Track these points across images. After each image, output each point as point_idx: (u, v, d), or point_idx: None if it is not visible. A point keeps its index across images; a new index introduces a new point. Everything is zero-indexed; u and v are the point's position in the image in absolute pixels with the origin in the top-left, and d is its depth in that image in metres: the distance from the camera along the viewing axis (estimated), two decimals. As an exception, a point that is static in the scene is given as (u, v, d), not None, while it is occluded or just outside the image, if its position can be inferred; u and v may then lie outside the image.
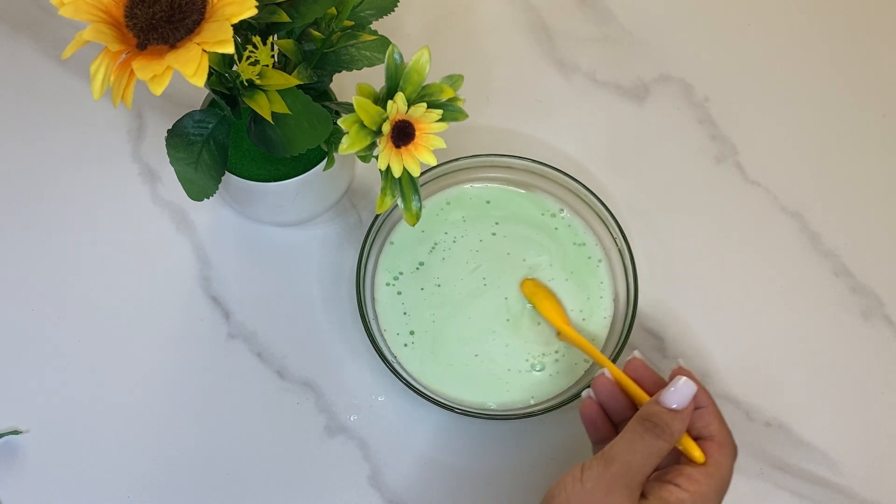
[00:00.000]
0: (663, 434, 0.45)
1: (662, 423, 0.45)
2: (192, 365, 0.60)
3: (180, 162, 0.50)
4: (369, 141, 0.46)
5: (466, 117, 0.48)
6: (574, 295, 0.59)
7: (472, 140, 0.66)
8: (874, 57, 0.70)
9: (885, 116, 0.68)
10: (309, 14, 0.47)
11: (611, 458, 0.44)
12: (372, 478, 0.57)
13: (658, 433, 0.45)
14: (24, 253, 0.62)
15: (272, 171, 0.56)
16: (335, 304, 0.61)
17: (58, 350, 0.60)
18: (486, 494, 0.57)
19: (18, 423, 0.58)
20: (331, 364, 0.60)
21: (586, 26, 0.71)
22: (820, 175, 0.66)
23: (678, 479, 0.45)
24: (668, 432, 0.45)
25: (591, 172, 0.65)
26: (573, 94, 0.68)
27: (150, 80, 0.40)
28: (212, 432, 0.58)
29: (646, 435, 0.45)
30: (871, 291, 0.63)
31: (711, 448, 0.46)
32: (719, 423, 0.47)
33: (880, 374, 0.61)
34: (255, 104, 0.46)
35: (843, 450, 0.59)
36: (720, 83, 0.69)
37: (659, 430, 0.45)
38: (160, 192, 0.64)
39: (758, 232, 0.65)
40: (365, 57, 0.52)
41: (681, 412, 0.46)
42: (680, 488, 0.44)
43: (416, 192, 0.48)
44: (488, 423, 0.59)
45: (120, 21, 0.42)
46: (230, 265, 0.62)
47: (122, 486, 0.57)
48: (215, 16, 0.41)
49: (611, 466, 0.44)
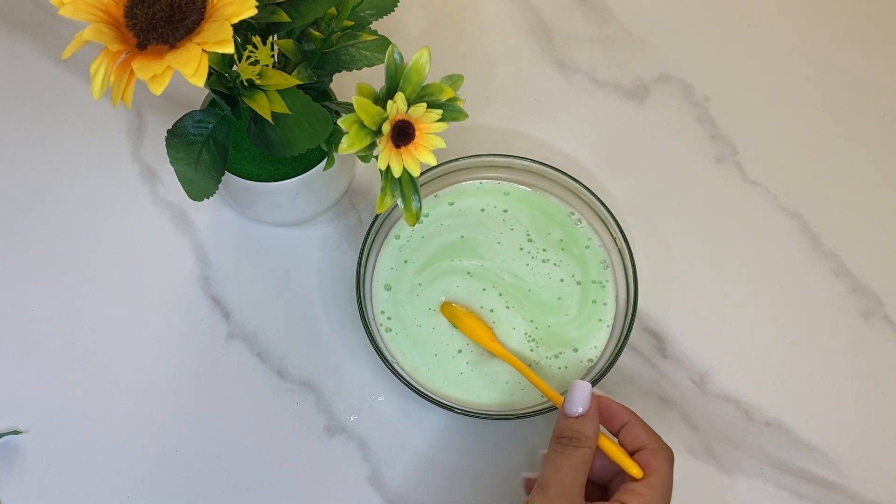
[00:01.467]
0: (579, 443, 0.47)
1: (574, 432, 0.48)
2: (191, 365, 0.60)
3: (180, 162, 0.50)
4: (369, 141, 0.46)
5: (466, 117, 0.48)
6: (579, 299, 0.59)
7: (472, 140, 0.66)
8: (874, 57, 0.70)
9: (884, 116, 0.68)
10: (309, 14, 0.47)
11: (545, 484, 0.47)
12: (372, 478, 0.57)
13: (574, 444, 0.47)
14: (23, 252, 0.62)
15: (272, 171, 0.56)
16: (335, 304, 0.61)
17: (57, 350, 0.60)
18: (486, 494, 0.57)
19: (18, 423, 0.58)
20: (330, 364, 0.60)
21: (586, 26, 0.71)
22: (820, 175, 0.66)
23: (623, 496, 0.47)
24: (582, 440, 0.48)
25: (591, 172, 0.65)
26: (573, 94, 0.68)
27: (150, 80, 0.40)
28: (211, 432, 0.58)
29: (565, 451, 0.47)
30: (871, 291, 0.63)
31: (647, 457, 0.48)
32: (647, 433, 0.49)
33: (880, 374, 0.61)
34: (255, 104, 0.46)
35: (843, 450, 0.59)
36: (720, 83, 0.69)
37: (574, 441, 0.47)
38: (160, 193, 0.64)
39: (758, 232, 0.64)
40: (365, 57, 0.52)
41: (586, 414, 0.48)
42: None
43: (415, 192, 0.48)
44: (488, 423, 0.59)
45: (120, 21, 0.42)
46: (230, 265, 0.62)
47: (121, 485, 0.57)
48: (215, 16, 0.41)
49: (548, 492, 0.46)
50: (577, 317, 0.59)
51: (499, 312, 0.59)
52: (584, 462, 0.47)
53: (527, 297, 0.59)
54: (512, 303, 0.59)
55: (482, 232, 0.61)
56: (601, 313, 0.59)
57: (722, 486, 0.58)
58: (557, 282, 0.60)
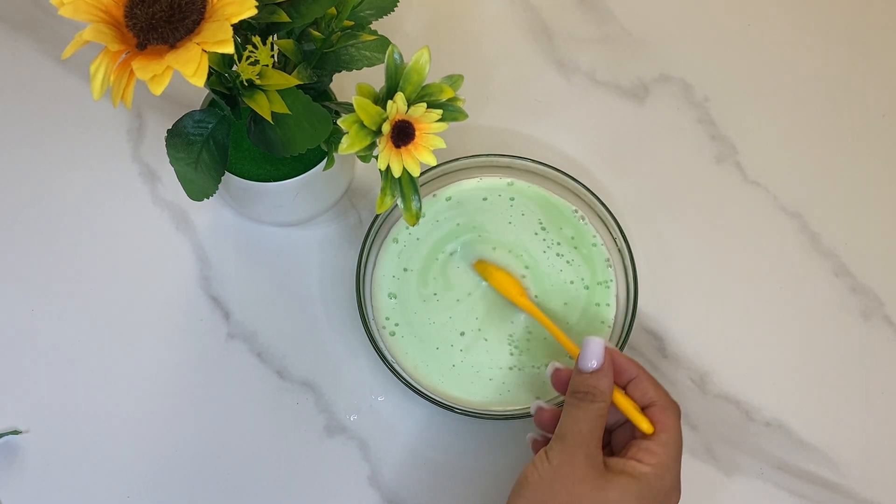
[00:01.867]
0: (595, 398, 0.49)
1: (589, 387, 0.49)
2: (191, 365, 0.60)
3: (180, 162, 0.50)
4: (369, 141, 0.46)
5: (466, 117, 0.48)
6: (583, 303, 0.59)
7: (472, 140, 0.66)
8: (874, 57, 0.70)
9: (884, 116, 0.68)
10: (309, 14, 0.47)
11: (563, 435, 0.48)
12: (371, 478, 0.57)
13: (590, 399, 0.48)
14: (23, 252, 0.62)
15: (272, 171, 0.56)
16: (335, 304, 0.61)
17: (57, 350, 0.60)
18: (486, 495, 0.57)
19: (18, 424, 0.58)
20: (330, 364, 0.60)
21: (586, 26, 0.71)
22: (820, 175, 0.66)
23: (638, 454, 0.48)
24: (597, 394, 0.49)
25: (591, 172, 0.65)
26: (573, 94, 0.68)
27: (150, 79, 0.40)
28: (211, 432, 0.58)
29: (581, 405, 0.48)
30: (871, 291, 0.63)
31: (656, 413, 0.49)
32: (655, 388, 0.50)
33: (880, 374, 0.61)
34: (255, 104, 0.46)
35: (843, 450, 0.59)
36: (720, 83, 0.69)
37: (590, 396, 0.49)
38: (160, 193, 0.64)
39: (757, 232, 0.64)
40: (365, 57, 0.52)
41: (600, 370, 0.49)
42: (641, 463, 0.47)
43: (415, 192, 0.48)
44: (489, 423, 0.59)
45: (120, 21, 0.42)
46: (230, 265, 0.62)
47: (121, 486, 0.57)
48: (215, 16, 0.41)
49: (566, 441, 0.48)
50: (578, 323, 0.59)
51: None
52: (600, 415, 0.48)
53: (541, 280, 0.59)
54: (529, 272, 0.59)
55: (488, 217, 0.61)
56: (603, 315, 0.59)
57: (722, 486, 0.58)
58: (567, 283, 0.59)
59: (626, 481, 0.46)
